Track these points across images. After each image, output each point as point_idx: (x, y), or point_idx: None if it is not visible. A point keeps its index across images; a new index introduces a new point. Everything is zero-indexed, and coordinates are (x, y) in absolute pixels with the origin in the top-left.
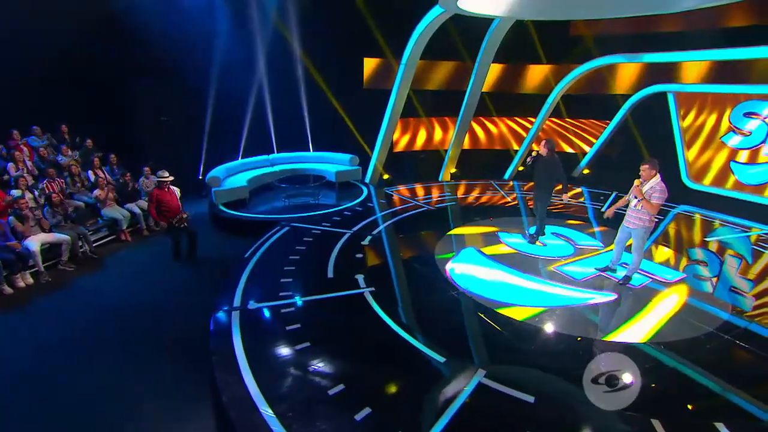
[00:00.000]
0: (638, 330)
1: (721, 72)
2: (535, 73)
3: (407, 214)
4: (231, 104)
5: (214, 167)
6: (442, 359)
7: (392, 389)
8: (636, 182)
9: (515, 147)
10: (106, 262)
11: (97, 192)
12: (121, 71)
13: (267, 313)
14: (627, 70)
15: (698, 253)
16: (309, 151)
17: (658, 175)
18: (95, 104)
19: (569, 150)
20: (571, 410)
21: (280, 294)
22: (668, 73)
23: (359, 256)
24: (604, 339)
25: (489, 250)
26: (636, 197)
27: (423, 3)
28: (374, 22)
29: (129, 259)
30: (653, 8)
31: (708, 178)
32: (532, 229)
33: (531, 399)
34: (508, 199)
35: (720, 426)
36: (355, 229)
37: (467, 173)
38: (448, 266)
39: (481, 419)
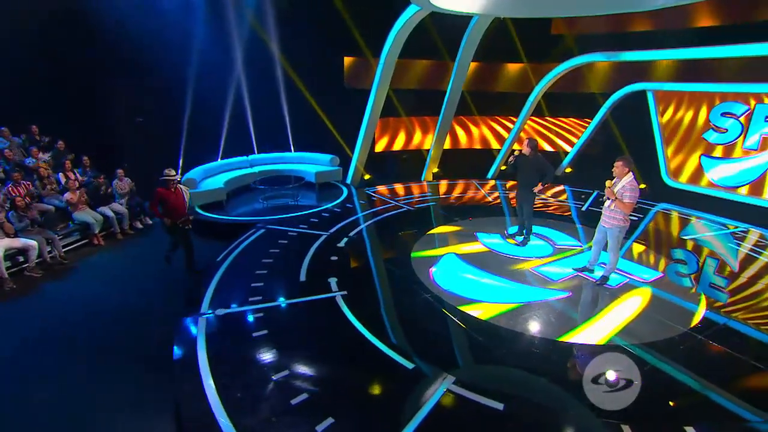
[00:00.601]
0: (602, 330)
1: (698, 71)
2: (516, 72)
3: (387, 215)
4: (209, 105)
5: (192, 169)
6: (410, 366)
7: (357, 398)
8: (608, 183)
9: (497, 146)
10: (77, 267)
11: (67, 195)
12: (96, 71)
13: (235, 320)
14: (608, 68)
15: (676, 252)
16: (290, 151)
17: (631, 173)
18: (69, 105)
19: (549, 149)
20: (540, 418)
21: (250, 299)
22: (648, 72)
23: (334, 258)
24: (559, 340)
25: (466, 250)
26: (609, 198)
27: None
28: (354, 21)
29: (101, 264)
30: (626, 6)
31: (687, 176)
32: (513, 229)
33: (500, 406)
34: (489, 199)
35: (689, 429)
36: (332, 230)
37: (450, 173)
38: (426, 268)
39: (448, 428)
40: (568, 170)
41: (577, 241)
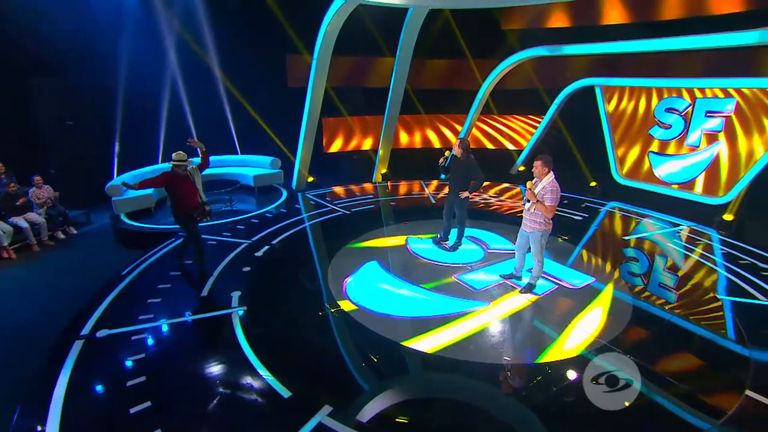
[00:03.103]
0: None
1: (645, 66)
2: (464, 69)
3: (319, 219)
4: (146, 106)
5: (121, 174)
6: (287, 394)
7: (211, 428)
8: (528, 184)
9: (449, 145)
10: None
11: None
12: (17, 70)
13: (112, 342)
14: (558, 63)
15: (616, 255)
16: (236, 154)
17: (552, 173)
18: None
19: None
20: None
21: (139, 318)
22: (597, 66)
23: (246, 269)
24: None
25: (392, 259)
26: (529, 200)
27: None
28: (293, 20)
29: (8, 279)
30: None
31: (635, 174)
32: (442, 233)
33: None
34: (433, 201)
35: None
36: (255, 238)
37: (400, 174)
38: (342, 279)
39: None
40: (521, 169)
41: (512, 244)
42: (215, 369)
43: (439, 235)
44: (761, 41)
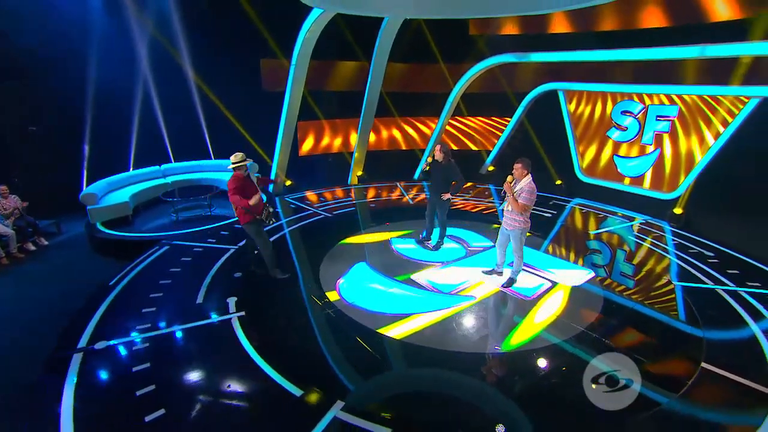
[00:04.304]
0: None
1: (603, 72)
2: (436, 73)
3: (301, 223)
4: (116, 111)
5: (94, 182)
6: (298, 393)
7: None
8: (509, 178)
9: (422, 147)
10: None
11: None
12: None
13: (114, 354)
14: (524, 68)
15: (587, 248)
16: (210, 159)
17: (530, 176)
18: None
19: (474, 147)
20: None
21: (137, 328)
22: (560, 72)
23: (238, 275)
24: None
25: (378, 258)
26: (506, 193)
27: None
28: (267, 23)
29: None
30: (519, 9)
31: (597, 172)
32: (424, 233)
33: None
34: (411, 203)
35: None
36: (241, 244)
37: (375, 176)
38: (334, 280)
39: None
40: (491, 168)
41: (491, 242)
42: (225, 374)
43: (421, 236)
44: (702, 55)
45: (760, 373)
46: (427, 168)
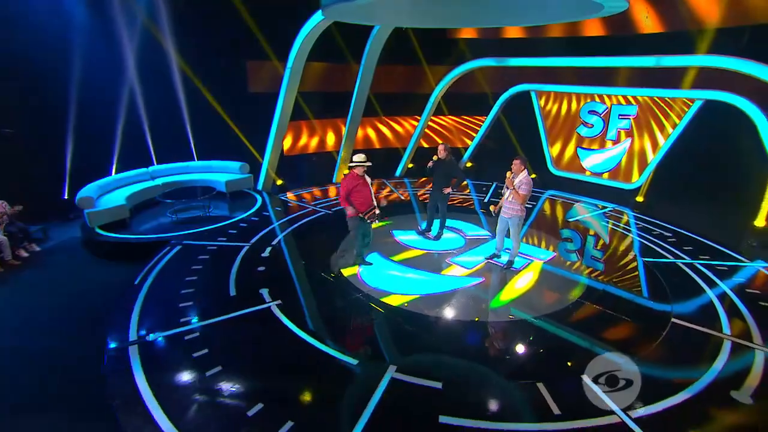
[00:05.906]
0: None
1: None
2: (419, 75)
3: (305, 220)
4: (98, 113)
5: (83, 185)
6: (354, 362)
7: (311, 399)
8: (508, 174)
9: (403, 145)
10: None
11: None
12: None
13: (169, 343)
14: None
15: (564, 232)
16: (193, 160)
17: (526, 170)
18: None
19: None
20: (473, 388)
21: (181, 320)
22: (533, 74)
23: (261, 269)
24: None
25: (386, 248)
26: (508, 188)
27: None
28: (255, 24)
29: None
30: (496, 22)
31: (567, 165)
32: (423, 225)
33: (438, 385)
34: (402, 198)
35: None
36: (252, 240)
37: None
38: (356, 270)
39: (397, 412)
40: (469, 165)
41: (484, 230)
42: (281, 352)
43: (420, 227)
44: (657, 65)
45: (714, 322)
46: (431, 165)
